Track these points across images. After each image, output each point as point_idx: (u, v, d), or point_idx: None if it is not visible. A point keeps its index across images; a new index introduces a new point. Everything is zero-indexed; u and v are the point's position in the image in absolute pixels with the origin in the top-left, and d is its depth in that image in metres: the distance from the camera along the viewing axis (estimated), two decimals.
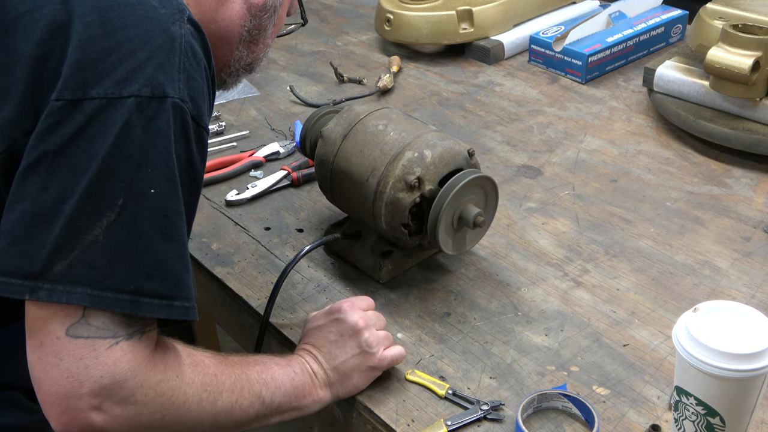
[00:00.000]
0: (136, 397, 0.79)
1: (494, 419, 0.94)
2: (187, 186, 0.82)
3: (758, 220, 1.26)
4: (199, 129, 0.83)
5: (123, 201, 0.76)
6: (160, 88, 0.78)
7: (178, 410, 0.82)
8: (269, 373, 0.92)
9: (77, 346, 0.76)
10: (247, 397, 0.89)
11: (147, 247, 0.78)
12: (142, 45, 0.79)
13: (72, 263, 0.75)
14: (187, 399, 0.83)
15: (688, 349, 0.80)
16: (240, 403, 0.88)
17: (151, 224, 0.78)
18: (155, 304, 0.78)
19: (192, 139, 0.82)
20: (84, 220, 0.76)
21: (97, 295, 0.76)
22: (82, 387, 0.76)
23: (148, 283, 0.78)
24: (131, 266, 0.77)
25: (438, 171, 1.08)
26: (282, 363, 0.95)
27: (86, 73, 0.77)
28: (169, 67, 0.79)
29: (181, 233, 0.81)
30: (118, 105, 0.77)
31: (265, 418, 0.92)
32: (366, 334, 0.97)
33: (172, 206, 0.80)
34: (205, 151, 0.86)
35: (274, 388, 0.92)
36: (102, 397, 0.77)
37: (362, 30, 1.98)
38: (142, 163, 0.77)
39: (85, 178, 0.76)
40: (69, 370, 0.76)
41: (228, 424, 0.88)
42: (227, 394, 0.87)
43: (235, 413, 0.88)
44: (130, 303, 0.77)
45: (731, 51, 1.35)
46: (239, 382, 0.89)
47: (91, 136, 0.76)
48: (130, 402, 0.78)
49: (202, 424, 0.85)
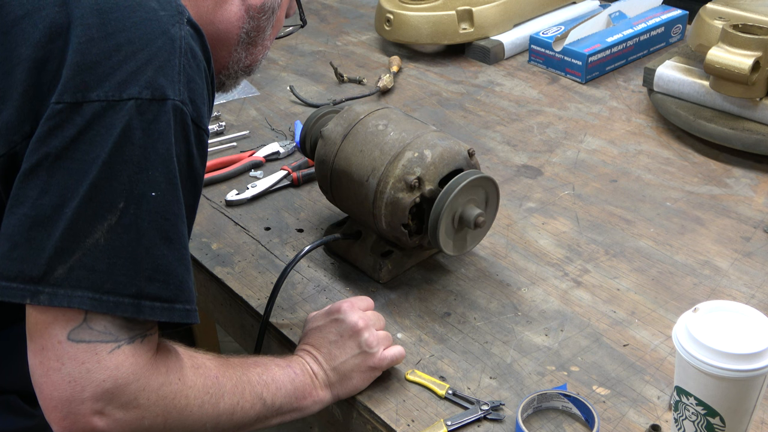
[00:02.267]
0: (139, 401, 0.79)
1: (494, 419, 0.94)
2: (188, 188, 0.82)
3: (758, 220, 1.26)
4: (199, 131, 0.83)
5: (124, 204, 0.76)
6: (161, 91, 0.78)
7: (181, 413, 0.82)
8: (270, 374, 0.92)
9: (79, 351, 0.76)
10: (249, 399, 0.89)
11: (148, 251, 0.77)
12: (142, 47, 0.78)
13: (73, 267, 0.75)
14: (189, 402, 0.83)
15: (688, 349, 0.80)
16: (242, 405, 0.88)
17: (152, 227, 0.78)
18: (157, 308, 0.78)
19: (192, 142, 0.82)
20: (85, 224, 0.75)
21: (99, 299, 0.75)
22: (85, 391, 0.76)
23: (149, 286, 0.78)
24: (132, 269, 0.77)
25: (438, 171, 1.08)
26: (282, 364, 0.95)
27: (86, 76, 0.77)
28: (170, 69, 0.79)
29: (181, 236, 0.81)
30: (118, 108, 0.76)
31: (266, 419, 0.92)
32: (366, 334, 0.97)
33: (173, 209, 0.79)
34: (205, 153, 0.86)
35: (275, 389, 0.92)
36: (104, 402, 0.77)
37: (362, 30, 1.98)
38: (143, 165, 0.77)
39: (85, 181, 0.75)
40: (71, 374, 0.76)
41: (230, 426, 0.88)
42: (229, 397, 0.87)
43: (237, 415, 0.88)
44: (132, 306, 0.77)
45: (731, 51, 1.35)
46: (240, 384, 0.89)
47: (92, 139, 0.76)
48: (133, 406, 0.78)
49: (204, 427, 0.85)
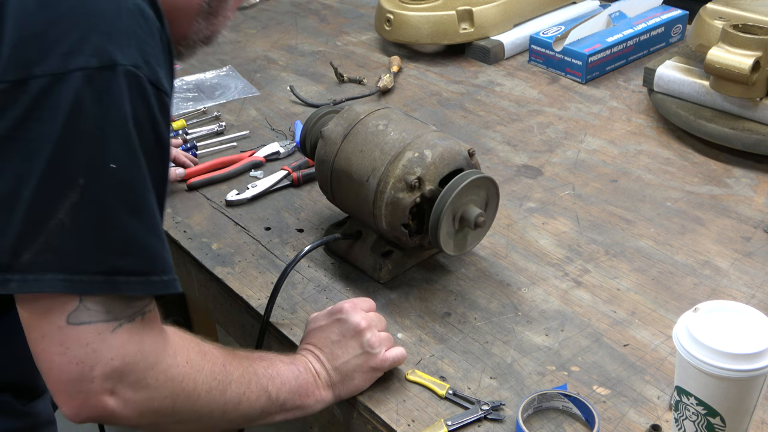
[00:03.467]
0: (147, 380, 0.78)
1: (494, 419, 0.94)
2: (155, 154, 0.79)
3: (758, 220, 1.26)
4: (159, 93, 0.78)
5: (84, 180, 0.73)
6: (109, 57, 0.73)
7: (189, 397, 0.82)
8: (275, 368, 0.92)
9: (81, 333, 0.75)
10: (255, 390, 0.88)
11: (115, 225, 0.75)
12: (84, 14, 0.74)
13: (39, 251, 0.73)
14: (197, 386, 0.82)
15: (688, 349, 0.80)
16: (248, 396, 0.88)
17: (116, 200, 0.75)
18: (133, 282, 0.76)
19: (153, 105, 0.78)
20: (45, 205, 0.73)
21: (71, 280, 0.74)
22: (94, 370, 0.75)
23: (121, 261, 0.75)
24: (101, 246, 0.74)
25: (438, 171, 1.08)
26: (286, 361, 0.95)
27: (28, 51, 0.73)
28: (117, 33, 0.74)
29: (149, 206, 0.78)
30: (65, 80, 0.72)
31: (270, 415, 0.92)
32: (368, 334, 0.97)
33: (137, 179, 0.76)
34: (168, 115, 0.81)
35: (279, 383, 0.91)
36: (114, 380, 0.76)
37: (362, 30, 1.98)
38: (99, 138, 0.74)
39: (39, 161, 0.72)
40: (77, 356, 0.75)
41: (235, 417, 0.88)
42: (235, 386, 0.86)
43: (243, 406, 0.87)
44: (107, 284, 0.75)
45: (731, 51, 1.35)
46: (247, 374, 0.88)
47: (41, 116, 0.72)
48: (142, 386, 0.78)
49: (212, 414, 0.85)
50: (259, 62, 1.84)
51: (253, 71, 1.79)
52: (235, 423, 0.89)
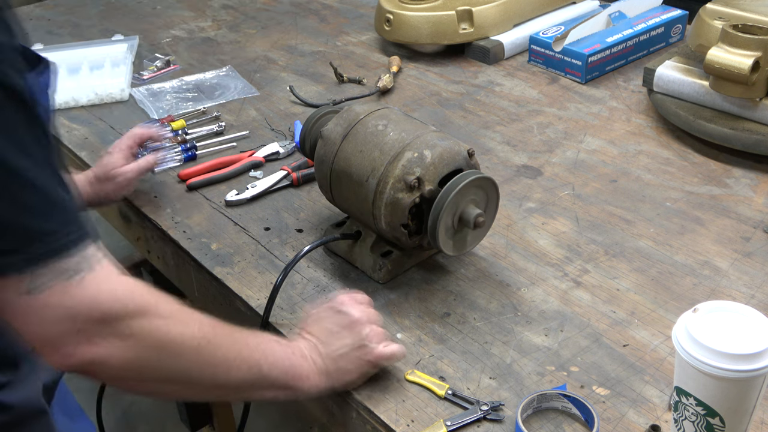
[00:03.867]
0: (132, 328, 0.78)
1: (494, 419, 0.94)
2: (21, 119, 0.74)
3: (758, 220, 1.26)
4: None
5: None
6: None
7: (175, 351, 0.81)
8: (268, 346, 0.92)
9: (49, 295, 0.74)
10: (246, 359, 0.88)
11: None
12: None
13: None
14: (184, 341, 0.82)
15: (687, 350, 0.80)
16: (238, 364, 0.87)
17: None
18: (50, 248, 0.74)
19: None
20: None
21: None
22: (75, 322, 0.75)
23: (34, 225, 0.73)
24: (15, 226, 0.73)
25: (438, 171, 1.08)
26: (282, 342, 0.95)
27: None
28: None
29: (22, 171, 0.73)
30: None
31: (261, 389, 0.91)
32: (367, 328, 0.97)
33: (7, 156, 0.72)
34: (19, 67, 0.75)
35: (272, 360, 0.91)
36: (98, 326, 0.76)
37: (362, 30, 1.98)
38: None
39: None
40: (54, 315, 0.75)
41: (226, 383, 0.87)
42: (225, 349, 0.86)
43: (233, 372, 0.86)
44: (24, 262, 0.73)
45: (731, 51, 1.35)
46: (238, 343, 0.88)
47: None
48: (126, 334, 0.77)
49: (201, 375, 0.84)
50: (259, 62, 1.84)
51: (253, 71, 1.79)
52: (225, 390, 0.88)
